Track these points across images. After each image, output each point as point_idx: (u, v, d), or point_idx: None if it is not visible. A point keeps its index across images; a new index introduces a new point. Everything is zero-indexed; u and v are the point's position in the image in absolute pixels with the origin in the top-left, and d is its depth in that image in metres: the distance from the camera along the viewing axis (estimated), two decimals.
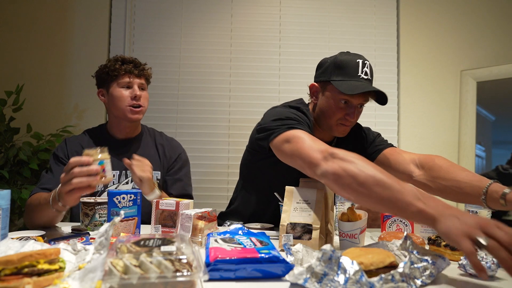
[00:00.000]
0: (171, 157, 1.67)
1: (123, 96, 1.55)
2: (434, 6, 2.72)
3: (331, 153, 1.01)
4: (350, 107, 1.31)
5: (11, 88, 2.29)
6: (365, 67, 1.30)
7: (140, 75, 1.58)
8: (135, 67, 1.57)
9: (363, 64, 1.30)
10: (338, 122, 1.34)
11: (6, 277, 0.65)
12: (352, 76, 1.28)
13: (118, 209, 1.11)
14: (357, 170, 0.93)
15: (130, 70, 1.55)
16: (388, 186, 0.88)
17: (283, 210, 1.08)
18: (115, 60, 1.57)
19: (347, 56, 1.33)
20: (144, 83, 1.61)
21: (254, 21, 2.67)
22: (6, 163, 2.17)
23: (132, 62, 1.58)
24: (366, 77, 1.29)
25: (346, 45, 2.68)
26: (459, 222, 0.75)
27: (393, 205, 0.87)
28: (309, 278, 0.70)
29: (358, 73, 1.28)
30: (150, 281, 0.61)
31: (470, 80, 2.64)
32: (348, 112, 1.31)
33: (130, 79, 1.56)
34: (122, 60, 1.57)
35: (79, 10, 2.58)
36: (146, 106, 1.60)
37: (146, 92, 1.62)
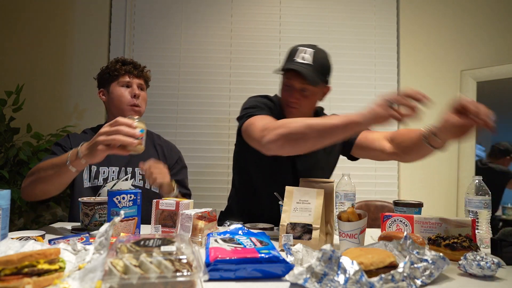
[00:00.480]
0: (172, 158, 1.70)
1: (123, 94, 1.59)
2: (434, 6, 2.72)
3: (267, 128, 1.22)
4: (290, 90, 1.45)
5: (11, 88, 2.29)
6: (303, 53, 1.41)
7: (139, 75, 1.64)
8: (134, 68, 1.63)
9: (304, 50, 1.42)
10: (286, 104, 1.48)
11: (6, 277, 0.65)
12: (288, 60, 1.44)
13: (118, 209, 1.11)
14: (286, 129, 1.16)
15: (130, 70, 1.61)
16: (316, 122, 1.12)
17: (283, 210, 1.08)
18: (115, 61, 1.64)
19: (297, 45, 1.47)
20: (143, 83, 1.65)
21: (254, 21, 2.67)
22: (6, 163, 2.17)
23: (132, 63, 1.65)
24: (301, 61, 1.40)
25: (346, 45, 2.69)
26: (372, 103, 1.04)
27: (325, 131, 1.11)
28: (309, 278, 0.70)
29: (294, 58, 1.42)
30: (150, 281, 0.61)
31: (470, 80, 2.64)
32: (290, 94, 1.45)
33: (130, 79, 1.61)
34: (122, 61, 1.63)
35: (79, 10, 2.58)
36: (143, 107, 1.65)
37: (145, 93, 1.67)
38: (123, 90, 1.60)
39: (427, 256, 0.80)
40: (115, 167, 1.55)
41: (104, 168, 1.53)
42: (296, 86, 1.43)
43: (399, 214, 1.22)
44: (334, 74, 2.66)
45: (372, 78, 2.69)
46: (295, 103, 1.45)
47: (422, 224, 1.17)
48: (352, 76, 2.67)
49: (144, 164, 1.42)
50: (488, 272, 0.80)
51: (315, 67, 1.40)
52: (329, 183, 1.16)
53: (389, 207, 2.19)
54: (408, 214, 1.22)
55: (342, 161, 2.62)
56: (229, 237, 0.95)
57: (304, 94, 1.45)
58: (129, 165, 1.58)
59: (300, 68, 1.37)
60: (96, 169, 1.53)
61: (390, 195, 2.62)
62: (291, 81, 1.43)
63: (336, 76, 2.66)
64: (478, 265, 0.81)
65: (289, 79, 1.44)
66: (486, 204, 1.16)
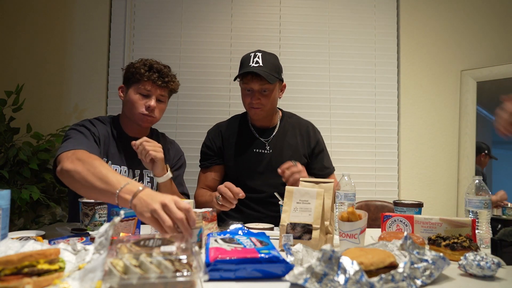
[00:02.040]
0: (175, 157, 1.69)
1: (137, 103, 1.50)
2: (434, 6, 2.72)
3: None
4: (252, 92, 1.60)
5: (11, 88, 2.29)
6: (256, 58, 1.57)
7: (163, 86, 1.53)
8: (159, 77, 1.51)
9: (255, 55, 1.58)
10: (249, 107, 1.63)
11: (6, 277, 0.65)
12: (244, 67, 1.58)
13: (118, 209, 1.11)
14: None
15: (154, 79, 1.50)
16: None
17: (283, 210, 1.08)
18: (143, 64, 1.52)
19: (246, 54, 1.63)
20: (165, 94, 1.56)
21: (254, 21, 2.67)
22: (6, 163, 2.16)
23: (159, 71, 1.52)
24: (256, 65, 1.55)
25: (346, 45, 2.69)
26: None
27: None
28: (309, 278, 0.70)
29: (249, 63, 1.57)
30: (150, 281, 0.61)
31: (470, 80, 2.64)
32: (251, 96, 1.59)
33: (151, 89, 1.50)
34: (149, 66, 1.52)
35: (79, 10, 2.58)
36: (158, 117, 1.56)
37: (164, 104, 1.58)
38: (138, 98, 1.50)
39: (427, 256, 0.80)
40: (126, 167, 1.54)
41: (117, 166, 1.52)
42: (255, 88, 1.58)
43: (399, 214, 1.22)
44: (334, 74, 2.70)
45: (372, 78, 2.68)
46: (258, 103, 1.60)
47: (422, 224, 1.17)
48: (352, 76, 2.67)
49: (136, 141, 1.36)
50: (488, 272, 0.80)
51: (267, 66, 1.57)
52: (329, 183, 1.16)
53: (389, 207, 2.19)
54: (408, 214, 1.22)
55: (342, 161, 2.63)
56: (229, 237, 0.95)
57: (264, 94, 1.60)
58: (138, 168, 1.55)
59: (257, 70, 1.53)
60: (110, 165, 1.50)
61: (390, 195, 2.62)
62: (250, 85, 1.58)
63: (336, 76, 2.68)
64: (478, 265, 0.81)
65: (247, 83, 1.58)
66: (486, 204, 1.16)
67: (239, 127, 1.75)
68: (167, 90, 1.57)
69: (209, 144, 1.73)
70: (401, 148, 2.65)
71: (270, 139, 1.71)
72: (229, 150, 1.70)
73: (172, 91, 1.60)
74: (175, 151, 1.72)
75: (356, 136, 2.64)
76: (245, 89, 1.62)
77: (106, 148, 1.51)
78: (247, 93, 1.62)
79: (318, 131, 1.81)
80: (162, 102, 1.57)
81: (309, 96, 2.63)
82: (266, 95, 1.60)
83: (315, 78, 2.65)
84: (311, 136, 1.75)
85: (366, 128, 2.65)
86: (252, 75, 1.55)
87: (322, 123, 2.61)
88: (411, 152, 2.65)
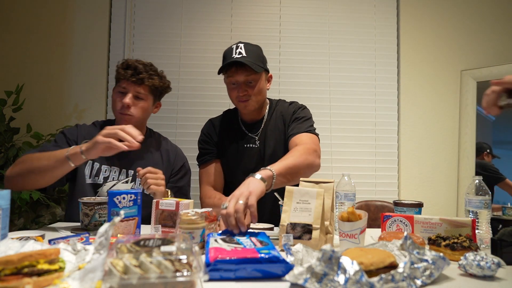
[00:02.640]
0: (176, 164, 1.66)
1: (115, 101, 1.53)
2: (434, 6, 2.72)
3: None
4: (239, 85, 1.55)
5: (11, 88, 2.29)
6: (238, 49, 1.53)
7: (138, 82, 1.50)
8: (133, 74, 1.50)
9: (237, 46, 1.54)
10: (237, 101, 1.58)
11: (6, 277, 0.65)
12: (227, 59, 1.53)
13: (118, 209, 1.11)
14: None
15: (127, 76, 1.49)
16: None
17: (283, 210, 1.08)
18: (121, 63, 1.54)
19: (228, 48, 1.58)
20: (143, 92, 1.52)
21: (254, 21, 2.67)
22: (6, 163, 2.16)
23: (134, 68, 1.51)
24: (239, 56, 1.50)
25: (346, 45, 2.69)
26: None
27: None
28: (309, 278, 0.70)
29: (232, 55, 1.52)
30: (150, 281, 0.61)
31: (470, 80, 2.64)
32: (238, 89, 1.55)
33: (126, 86, 1.51)
34: (126, 65, 1.52)
35: (79, 10, 2.58)
36: (137, 115, 1.53)
37: (144, 102, 1.54)
38: (116, 97, 1.52)
39: (427, 256, 0.80)
40: (117, 167, 1.54)
41: (106, 167, 1.53)
42: (241, 79, 1.53)
43: (399, 214, 1.22)
44: (334, 74, 2.70)
45: (372, 78, 2.68)
46: (245, 95, 1.55)
47: (422, 224, 1.17)
48: (352, 76, 2.67)
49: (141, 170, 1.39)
50: (488, 272, 0.80)
51: (251, 56, 1.52)
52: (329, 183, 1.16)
53: (389, 207, 2.19)
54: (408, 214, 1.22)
55: (342, 161, 2.63)
56: (229, 237, 0.95)
57: (251, 85, 1.55)
58: (131, 168, 1.56)
59: (241, 59, 1.48)
60: (98, 166, 1.52)
61: (390, 195, 2.62)
62: (235, 78, 1.54)
63: (336, 76, 2.68)
64: (478, 265, 0.81)
65: (232, 76, 1.54)
66: (486, 204, 1.16)
67: (229, 122, 1.71)
68: (146, 87, 1.53)
69: (206, 139, 1.70)
70: (401, 148, 2.65)
71: (259, 133, 1.66)
72: (221, 146, 1.68)
73: (155, 88, 1.56)
74: (175, 156, 1.68)
75: (356, 136, 2.64)
76: (230, 83, 1.58)
77: None
78: (233, 87, 1.57)
79: (300, 105, 1.69)
80: (142, 100, 1.53)
81: (309, 96, 2.63)
82: (253, 86, 1.55)
83: (315, 78, 2.65)
84: (290, 113, 1.65)
85: (366, 128, 2.65)
86: (236, 66, 1.51)
87: (322, 123, 2.61)
88: (411, 152, 2.65)
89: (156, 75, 1.56)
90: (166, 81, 1.62)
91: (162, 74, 1.61)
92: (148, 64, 1.56)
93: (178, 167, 1.67)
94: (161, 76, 1.60)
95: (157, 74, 1.57)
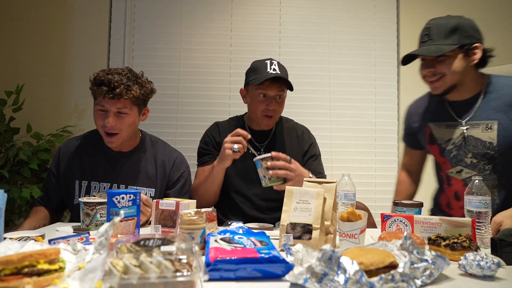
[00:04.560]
0: (173, 175, 1.59)
1: (97, 119, 1.43)
2: (434, 7, 2.72)
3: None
4: (268, 99, 1.57)
5: (11, 88, 2.29)
6: (273, 65, 1.58)
7: (117, 98, 1.36)
8: (109, 91, 1.36)
9: (271, 63, 1.59)
10: (262, 115, 1.60)
11: (6, 277, 0.65)
12: (262, 72, 1.56)
13: (117, 209, 1.11)
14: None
15: (104, 94, 1.36)
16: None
17: (283, 210, 1.08)
18: (94, 79, 1.41)
19: (258, 61, 1.63)
20: (125, 106, 1.39)
21: (254, 21, 2.67)
22: (6, 163, 2.17)
23: (108, 84, 1.36)
24: (274, 72, 1.55)
25: (346, 45, 2.69)
26: None
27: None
28: (309, 278, 0.70)
29: (267, 70, 1.56)
30: (150, 281, 0.61)
31: None
32: (267, 103, 1.57)
33: (105, 104, 1.38)
34: (99, 81, 1.38)
35: (79, 10, 2.57)
36: (125, 132, 1.43)
37: (129, 116, 1.42)
38: (98, 115, 1.41)
39: (427, 256, 0.80)
40: (106, 183, 1.49)
41: (96, 183, 1.49)
42: (272, 94, 1.57)
43: (399, 214, 1.22)
44: (334, 74, 2.70)
45: (372, 78, 2.68)
46: (274, 111, 1.59)
47: (422, 224, 1.17)
48: (352, 76, 2.67)
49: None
50: (488, 272, 0.80)
51: (285, 75, 1.59)
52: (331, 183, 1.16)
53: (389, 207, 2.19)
54: (408, 214, 1.22)
55: (342, 161, 2.63)
56: (229, 237, 0.95)
57: (278, 101, 1.60)
58: (122, 182, 1.50)
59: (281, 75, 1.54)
60: (87, 183, 1.49)
61: (390, 195, 2.61)
62: (267, 91, 1.56)
63: (336, 77, 2.68)
64: (478, 265, 0.81)
65: (265, 89, 1.56)
66: (486, 204, 1.16)
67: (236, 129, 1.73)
68: (127, 101, 1.39)
69: (208, 140, 1.70)
70: (401, 148, 2.64)
71: (266, 144, 1.68)
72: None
73: (136, 98, 1.41)
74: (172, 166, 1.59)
75: (356, 136, 2.64)
76: (260, 95, 1.58)
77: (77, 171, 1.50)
78: (262, 100, 1.58)
79: (313, 136, 1.78)
80: (126, 114, 1.41)
81: (309, 96, 2.63)
82: (280, 102, 1.62)
83: (315, 78, 2.65)
84: (305, 139, 1.72)
85: (366, 128, 2.65)
86: (270, 81, 1.54)
87: (322, 123, 2.61)
88: None
89: (135, 84, 1.41)
90: (147, 86, 1.47)
91: (142, 79, 1.46)
92: (123, 72, 1.41)
93: (175, 178, 1.59)
94: (141, 82, 1.44)
95: (136, 82, 1.42)
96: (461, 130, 1.42)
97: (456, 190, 1.46)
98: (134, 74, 1.44)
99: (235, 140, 1.42)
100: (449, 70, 1.36)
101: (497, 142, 1.36)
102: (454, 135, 1.44)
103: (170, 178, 1.59)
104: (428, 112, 1.55)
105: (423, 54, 1.39)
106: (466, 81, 1.41)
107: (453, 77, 1.37)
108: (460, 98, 1.45)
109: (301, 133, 1.74)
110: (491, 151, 1.38)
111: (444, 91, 1.42)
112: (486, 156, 1.38)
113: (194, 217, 0.95)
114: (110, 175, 1.49)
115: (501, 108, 1.37)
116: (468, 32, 1.37)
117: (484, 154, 1.38)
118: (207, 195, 1.56)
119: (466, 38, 1.36)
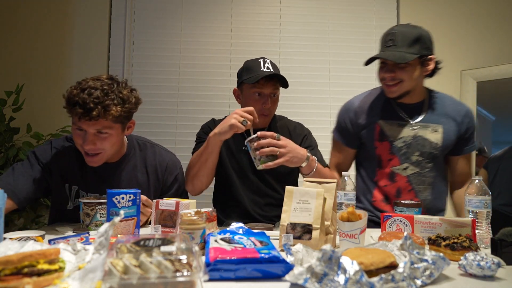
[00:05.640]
0: (166, 180, 1.53)
1: (75, 138, 1.31)
2: (434, 7, 2.72)
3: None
4: (263, 97, 1.56)
5: (11, 88, 2.29)
6: (266, 64, 1.58)
7: (95, 119, 1.22)
8: (85, 113, 1.21)
9: (264, 61, 1.58)
10: (259, 114, 1.52)
11: (6, 277, 0.65)
12: (256, 71, 1.55)
13: (117, 209, 1.11)
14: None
15: (80, 116, 1.23)
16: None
17: (283, 210, 1.08)
18: (67, 97, 1.27)
19: (251, 60, 1.63)
20: (102, 127, 1.26)
21: (254, 21, 2.67)
22: (6, 163, 2.16)
23: (83, 105, 1.20)
24: (268, 70, 1.55)
25: (346, 45, 2.69)
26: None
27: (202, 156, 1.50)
28: (309, 278, 0.70)
29: (261, 68, 1.56)
30: (150, 281, 0.61)
31: (470, 80, 2.64)
32: (263, 101, 1.56)
33: (82, 126, 1.25)
34: (73, 102, 1.23)
35: (79, 10, 2.58)
36: (109, 150, 1.32)
37: (112, 136, 1.29)
38: (77, 135, 1.29)
39: (427, 256, 0.80)
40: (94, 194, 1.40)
41: (83, 192, 1.42)
42: (267, 91, 1.56)
43: (399, 214, 1.22)
44: (334, 74, 2.70)
45: (372, 78, 2.68)
46: (269, 109, 1.58)
47: (422, 224, 1.17)
48: (352, 76, 2.67)
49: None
50: (488, 272, 0.80)
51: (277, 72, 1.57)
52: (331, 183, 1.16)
53: None
54: (408, 214, 1.22)
55: None
56: (229, 237, 0.95)
57: (273, 99, 1.60)
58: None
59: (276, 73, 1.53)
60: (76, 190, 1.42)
61: None
62: (262, 89, 1.55)
63: (336, 77, 2.68)
64: (478, 265, 0.81)
65: (260, 88, 1.55)
66: (486, 204, 1.16)
67: None
68: (107, 121, 1.25)
69: (205, 131, 1.68)
70: None
71: None
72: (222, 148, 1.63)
73: (117, 117, 1.25)
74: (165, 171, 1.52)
75: None
76: (255, 94, 1.57)
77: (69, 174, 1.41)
78: (257, 98, 1.57)
79: (306, 129, 1.76)
80: (107, 134, 1.28)
81: (309, 96, 2.63)
82: (275, 101, 1.61)
83: (315, 78, 2.66)
84: (298, 133, 1.70)
85: None
86: (265, 79, 1.53)
87: (322, 123, 2.61)
88: None
89: (115, 103, 1.24)
90: (131, 100, 1.30)
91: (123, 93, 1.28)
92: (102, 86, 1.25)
93: (170, 182, 1.53)
94: (123, 97, 1.27)
95: (117, 97, 1.25)
96: (413, 129, 1.54)
97: (399, 186, 1.55)
98: (114, 87, 1.27)
99: (246, 116, 1.38)
100: (408, 77, 1.48)
101: (441, 143, 1.53)
102: (405, 134, 1.55)
103: (164, 183, 1.52)
104: (377, 110, 1.61)
105: (390, 59, 1.45)
106: (416, 88, 1.55)
107: (410, 83, 1.50)
108: (408, 102, 1.57)
109: (293, 128, 1.73)
110: (435, 151, 1.54)
111: (399, 96, 1.53)
112: (430, 155, 1.54)
113: (194, 217, 0.95)
114: (100, 187, 1.40)
115: (442, 115, 1.57)
116: (426, 44, 1.48)
117: (430, 153, 1.54)
118: (200, 173, 1.50)
119: (425, 49, 1.47)
